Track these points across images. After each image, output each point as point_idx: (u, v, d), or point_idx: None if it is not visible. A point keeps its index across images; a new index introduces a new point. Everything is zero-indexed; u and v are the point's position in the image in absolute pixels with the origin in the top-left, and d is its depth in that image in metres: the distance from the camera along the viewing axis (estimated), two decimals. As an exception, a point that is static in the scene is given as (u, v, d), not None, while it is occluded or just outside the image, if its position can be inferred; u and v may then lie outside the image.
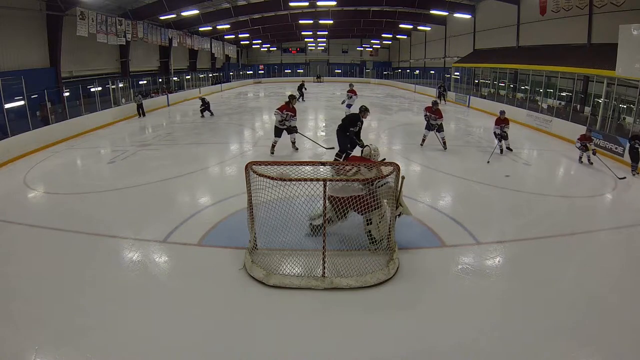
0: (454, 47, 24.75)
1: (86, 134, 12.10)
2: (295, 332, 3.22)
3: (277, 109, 8.79)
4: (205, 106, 15.40)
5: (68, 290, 3.73)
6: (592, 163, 8.59)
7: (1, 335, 3.12)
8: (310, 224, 4.60)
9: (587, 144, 8.56)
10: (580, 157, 8.89)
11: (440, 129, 9.79)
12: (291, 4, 19.67)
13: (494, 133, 9.59)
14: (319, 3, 19.12)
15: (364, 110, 7.77)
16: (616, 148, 9.41)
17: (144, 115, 15.76)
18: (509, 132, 9.57)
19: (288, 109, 8.75)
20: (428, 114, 9.68)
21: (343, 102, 15.23)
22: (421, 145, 10.02)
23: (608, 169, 7.95)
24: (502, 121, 9.42)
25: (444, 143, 9.78)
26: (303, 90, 21.41)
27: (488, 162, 8.60)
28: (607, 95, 11.33)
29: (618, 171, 7.87)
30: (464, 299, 3.66)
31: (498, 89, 18.50)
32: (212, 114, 15.48)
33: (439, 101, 20.17)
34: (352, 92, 14.88)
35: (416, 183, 7.19)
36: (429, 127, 9.84)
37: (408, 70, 33.06)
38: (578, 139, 8.79)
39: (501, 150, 9.51)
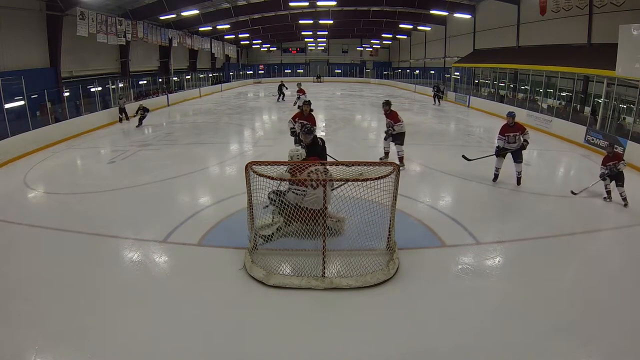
0: (454, 47, 24.74)
1: (86, 134, 12.10)
2: (295, 332, 3.22)
3: (292, 117, 7.36)
4: (144, 115, 13.63)
5: (68, 290, 3.73)
6: (626, 204, 5.89)
7: (1, 335, 3.12)
8: (260, 234, 4.48)
9: (618, 166, 5.89)
10: (608, 191, 6.10)
11: (397, 139, 7.37)
12: (291, 4, 19.67)
13: (497, 148, 6.84)
14: (319, 3, 19.12)
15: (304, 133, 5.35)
16: (616, 148, 9.39)
17: (127, 119, 14.28)
18: (523, 148, 6.68)
19: (302, 118, 7.10)
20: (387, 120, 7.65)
21: (295, 104, 15.20)
22: (381, 159, 7.87)
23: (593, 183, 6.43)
24: (510, 129, 6.59)
25: (401, 159, 7.45)
26: (283, 90, 20.98)
27: (467, 158, 7.30)
28: (607, 95, 11.33)
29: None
30: (464, 299, 3.66)
31: (498, 89, 18.50)
32: (141, 124, 13.49)
33: (439, 101, 20.08)
34: (300, 92, 14.61)
35: (416, 183, 7.18)
36: (387, 136, 7.84)
37: (408, 70, 33.07)
38: (602, 164, 6.12)
39: (496, 176, 6.89)
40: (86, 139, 11.51)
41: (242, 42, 34.50)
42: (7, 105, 9.46)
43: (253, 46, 38.48)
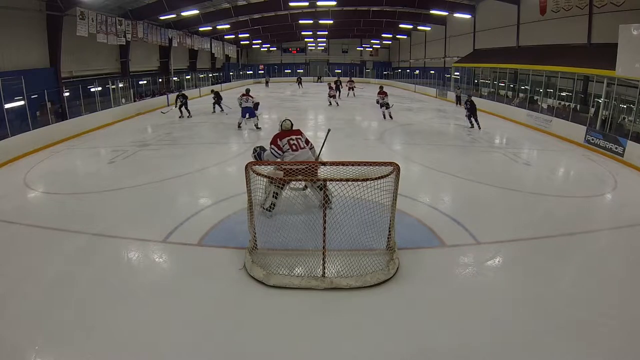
0: (454, 47, 24.75)
1: (86, 134, 12.09)
2: (295, 332, 3.22)
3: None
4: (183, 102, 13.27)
5: (68, 290, 3.73)
6: None
7: (1, 335, 3.12)
8: (264, 208, 4.99)
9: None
10: None
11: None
12: (291, 4, 19.68)
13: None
14: (319, 3, 19.14)
15: None
16: (616, 148, 9.41)
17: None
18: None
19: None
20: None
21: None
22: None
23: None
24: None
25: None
26: (220, 101, 16.68)
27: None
28: (607, 95, 11.33)
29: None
30: (464, 299, 3.66)
31: (498, 89, 18.50)
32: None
33: (477, 124, 13.09)
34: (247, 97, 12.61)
35: (416, 183, 7.18)
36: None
37: (408, 70, 33.10)
38: None
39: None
40: (86, 139, 11.50)
41: (242, 42, 34.51)
42: (7, 105, 9.43)
43: (253, 46, 38.49)
